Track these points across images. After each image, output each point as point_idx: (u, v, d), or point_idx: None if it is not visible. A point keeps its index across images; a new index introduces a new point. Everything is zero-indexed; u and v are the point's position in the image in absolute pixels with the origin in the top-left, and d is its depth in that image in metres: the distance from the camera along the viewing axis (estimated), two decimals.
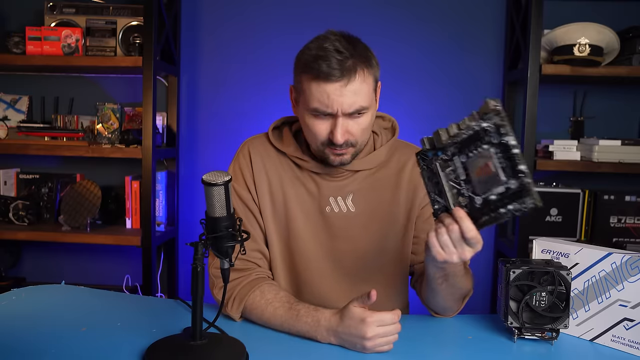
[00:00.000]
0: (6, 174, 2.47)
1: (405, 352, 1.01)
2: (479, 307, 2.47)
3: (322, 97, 1.06)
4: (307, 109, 1.10)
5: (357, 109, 1.07)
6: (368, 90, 1.09)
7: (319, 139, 1.11)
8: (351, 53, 1.05)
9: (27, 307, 1.18)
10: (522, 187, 0.80)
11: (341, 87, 1.05)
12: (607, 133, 2.32)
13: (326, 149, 1.12)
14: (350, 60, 1.05)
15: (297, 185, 1.22)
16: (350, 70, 1.04)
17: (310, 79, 1.07)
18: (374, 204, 1.22)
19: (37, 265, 2.62)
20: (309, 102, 1.08)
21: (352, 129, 1.10)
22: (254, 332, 1.09)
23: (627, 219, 2.24)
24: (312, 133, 1.12)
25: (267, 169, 1.23)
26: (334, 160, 1.13)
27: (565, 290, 1.03)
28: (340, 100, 1.05)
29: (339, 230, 1.21)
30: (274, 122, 1.27)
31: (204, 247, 0.93)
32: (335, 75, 1.04)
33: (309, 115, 1.10)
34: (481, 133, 0.85)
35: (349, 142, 1.11)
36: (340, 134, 1.07)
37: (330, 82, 1.04)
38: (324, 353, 1.00)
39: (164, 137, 2.43)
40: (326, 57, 1.04)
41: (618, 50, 2.09)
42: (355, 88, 1.06)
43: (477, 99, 2.42)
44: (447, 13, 2.40)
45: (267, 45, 2.44)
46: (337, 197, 1.21)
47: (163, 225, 2.36)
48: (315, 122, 1.10)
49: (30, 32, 2.21)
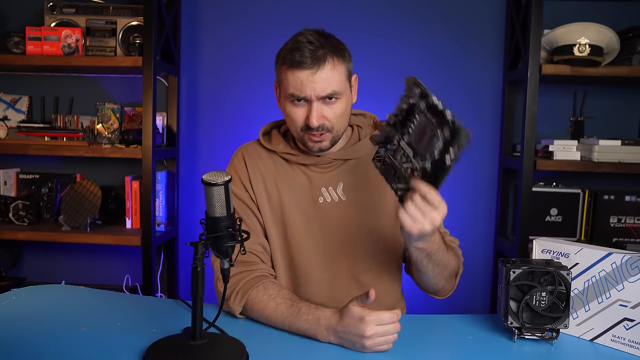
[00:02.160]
0: (6, 174, 2.47)
1: (405, 352, 1.01)
2: (479, 307, 2.47)
3: (296, 84, 1.16)
4: (286, 96, 1.20)
5: (330, 94, 1.17)
6: (339, 78, 1.18)
7: (297, 125, 1.20)
8: (322, 44, 1.16)
9: (27, 307, 1.18)
10: (453, 128, 0.88)
11: (312, 73, 1.15)
12: (607, 133, 2.32)
13: (305, 135, 1.20)
14: (321, 50, 1.15)
15: (290, 181, 1.28)
16: (320, 58, 1.15)
17: (286, 68, 1.18)
18: (364, 192, 1.28)
19: (37, 265, 2.62)
20: (287, 90, 1.19)
21: (327, 114, 1.18)
22: (254, 332, 1.09)
23: (627, 219, 2.24)
24: (291, 120, 1.21)
25: (261, 170, 1.29)
26: (313, 146, 1.21)
27: (565, 290, 1.03)
28: (312, 85, 1.15)
29: (332, 220, 1.26)
30: (262, 128, 1.36)
31: (204, 247, 0.93)
32: (306, 63, 1.14)
33: (288, 103, 1.20)
34: (411, 108, 0.95)
35: (325, 127, 1.19)
36: (314, 117, 1.16)
37: (303, 69, 1.15)
38: (324, 353, 1.00)
39: (164, 137, 2.43)
40: (299, 48, 1.15)
41: (618, 50, 2.09)
42: (325, 74, 1.16)
43: (477, 99, 2.43)
44: (447, 13, 2.40)
45: (267, 45, 2.44)
46: (328, 187, 1.28)
47: (163, 225, 2.36)
48: (293, 109, 1.19)
49: (30, 32, 2.21)
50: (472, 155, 2.43)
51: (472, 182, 2.45)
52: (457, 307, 2.34)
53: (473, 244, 2.45)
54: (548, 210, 2.24)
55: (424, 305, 1.65)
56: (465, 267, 1.40)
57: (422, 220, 0.98)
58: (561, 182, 2.33)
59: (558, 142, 2.18)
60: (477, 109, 2.42)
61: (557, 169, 2.14)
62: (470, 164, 2.44)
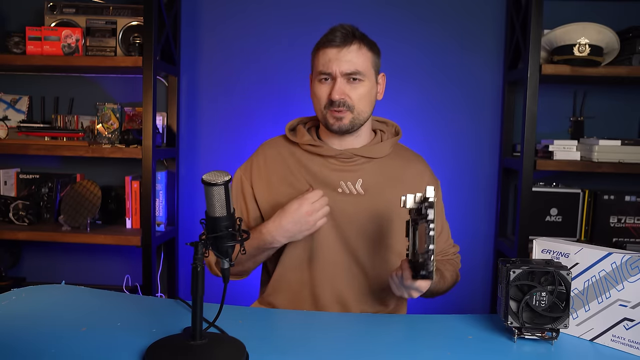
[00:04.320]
0: (6, 174, 2.47)
1: (405, 352, 1.01)
2: (479, 307, 2.47)
3: (324, 61, 1.28)
4: (315, 76, 1.31)
5: (353, 72, 1.26)
6: (364, 61, 1.28)
7: (322, 102, 1.29)
8: (353, 32, 1.28)
9: (27, 307, 1.18)
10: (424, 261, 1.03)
11: (338, 51, 1.26)
12: (607, 133, 2.32)
13: (327, 113, 1.29)
14: (351, 35, 1.27)
15: (311, 171, 1.34)
16: (347, 39, 1.27)
17: (317, 50, 1.30)
18: (381, 191, 1.33)
19: (37, 265, 2.61)
20: (316, 68, 1.30)
21: (350, 92, 1.27)
22: (254, 332, 1.09)
23: (627, 219, 2.24)
24: (318, 98, 1.30)
25: (282, 161, 1.38)
26: (333, 124, 1.29)
27: (565, 290, 1.03)
28: (338, 62, 1.26)
29: (347, 211, 1.32)
30: (289, 123, 1.43)
31: (204, 247, 0.93)
32: (335, 42, 1.26)
33: (316, 83, 1.31)
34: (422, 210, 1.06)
35: (346, 104, 1.27)
36: (337, 91, 1.26)
37: (330, 48, 1.27)
38: (324, 353, 1.00)
39: (164, 137, 2.43)
40: (333, 32, 1.28)
41: (618, 50, 2.09)
42: (351, 55, 1.26)
43: (477, 99, 2.43)
44: (447, 13, 2.40)
45: (268, 44, 2.44)
46: (347, 181, 1.33)
47: (163, 225, 2.36)
48: (319, 86, 1.30)
49: (30, 32, 2.21)
50: (472, 155, 2.43)
51: (472, 182, 2.45)
52: (457, 307, 2.34)
53: (473, 244, 2.45)
54: (548, 210, 2.24)
55: (424, 305, 1.65)
56: (465, 267, 1.41)
57: (402, 291, 1.15)
58: (561, 182, 2.33)
59: (558, 142, 2.18)
60: (477, 109, 2.42)
61: (557, 169, 2.13)
62: (470, 164, 2.44)
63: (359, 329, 1.12)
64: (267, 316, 1.23)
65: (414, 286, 1.11)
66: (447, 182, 2.36)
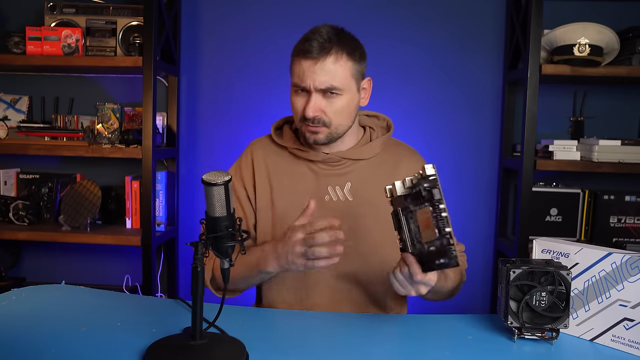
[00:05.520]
0: (6, 174, 2.46)
1: (405, 352, 1.01)
2: (479, 307, 2.47)
3: (299, 73, 1.19)
4: (292, 86, 1.23)
5: (328, 87, 1.17)
6: (343, 74, 1.18)
7: (298, 115, 1.23)
8: (331, 38, 1.17)
9: (27, 307, 1.18)
10: (443, 247, 0.94)
11: (313, 64, 1.17)
12: (607, 133, 2.32)
13: (303, 126, 1.23)
14: (329, 44, 1.16)
15: (297, 177, 1.29)
16: (325, 50, 1.16)
17: (294, 58, 1.21)
18: (371, 193, 1.27)
19: (37, 265, 2.61)
20: (292, 78, 1.22)
21: (325, 108, 1.19)
22: (254, 332, 1.09)
23: (627, 219, 2.24)
24: (294, 109, 1.24)
25: (267, 165, 1.32)
26: (309, 137, 1.23)
27: (565, 290, 1.03)
28: (312, 76, 1.17)
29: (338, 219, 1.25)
30: (275, 123, 1.37)
31: (204, 247, 0.93)
32: (311, 53, 1.16)
33: (293, 92, 1.23)
34: (422, 192, 0.96)
35: (321, 120, 1.20)
36: (311, 108, 1.18)
37: (306, 59, 1.17)
38: (324, 353, 1.00)
39: (164, 137, 2.43)
40: (309, 40, 1.17)
41: (618, 50, 2.09)
42: (327, 67, 1.16)
43: (477, 99, 2.43)
44: (447, 13, 2.40)
45: (267, 44, 2.45)
46: (335, 186, 1.28)
47: (163, 225, 2.36)
48: (295, 98, 1.22)
49: (30, 32, 2.21)
50: (472, 155, 2.43)
51: (472, 182, 2.45)
52: (457, 307, 2.34)
53: (473, 244, 2.45)
54: (548, 210, 2.24)
55: (424, 305, 1.64)
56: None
57: (409, 288, 1.04)
58: (561, 182, 2.33)
59: (558, 142, 2.18)
60: (477, 109, 2.42)
61: (557, 169, 2.13)
62: (470, 164, 2.44)
63: (359, 329, 1.12)
64: (267, 316, 1.23)
65: (425, 280, 1.01)
66: (447, 182, 2.36)
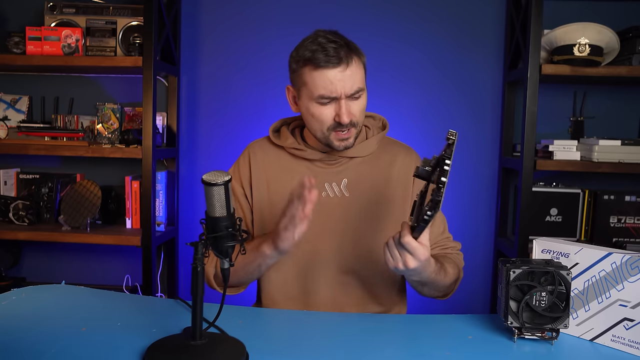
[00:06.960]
0: (6, 174, 2.47)
1: (405, 352, 1.01)
2: (479, 307, 2.47)
3: (325, 84, 1.18)
4: (312, 98, 1.21)
5: (357, 90, 1.20)
6: (361, 73, 1.22)
7: (325, 125, 1.22)
8: (343, 43, 1.19)
9: (27, 307, 1.18)
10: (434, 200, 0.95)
11: (341, 71, 1.17)
12: (607, 133, 2.32)
13: (332, 134, 1.23)
14: (344, 49, 1.18)
15: (294, 176, 1.30)
16: (346, 56, 1.17)
17: (311, 70, 1.19)
18: (368, 189, 1.30)
19: (37, 265, 2.62)
20: (314, 91, 1.19)
21: (354, 109, 1.21)
22: (254, 332, 1.09)
23: (627, 219, 2.24)
24: (319, 121, 1.22)
25: (265, 166, 1.34)
26: (339, 145, 1.24)
27: (565, 290, 1.03)
28: (342, 83, 1.17)
29: (333, 215, 1.28)
30: (273, 125, 1.38)
31: (204, 247, 0.93)
32: (334, 62, 1.16)
33: (314, 104, 1.21)
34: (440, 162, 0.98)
35: (352, 122, 1.22)
36: (345, 114, 1.19)
37: (331, 69, 1.17)
38: (324, 353, 1.00)
39: (164, 137, 2.43)
40: (323, 49, 1.17)
41: (618, 50, 2.09)
42: (352, 71, 1.18)
43: (477, 99, 2.43)
44: (447, 13, 2.40)
45: (267, 45, 2.45)
46: (332, 182, 1.30)
47: (163, 225, 2.36)
48: (321, 109, 1.21)
49: (30, 32, 2.21)
50: (472, 155, 2.43)
51: (472, 182, 2.45)
52: (457, 307, 2.34)
53: (473, 244, 2.45)
54: (548, 210, 2.24)
55: (424, 305, 1.64)
56: (465, 267, 1.40)
57: (397, 259, 1.05)
58: (561, 182, 2.33)
59: (558, 142, 2.18)
60: (477, 109, 2.42)
61: (557, 169, 2.13)
62: (470, 164, 2.44)
63: (359, 329, 1.12)
64: (267, 316, 1.23)
65: (412, 247, 1.02)
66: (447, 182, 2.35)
